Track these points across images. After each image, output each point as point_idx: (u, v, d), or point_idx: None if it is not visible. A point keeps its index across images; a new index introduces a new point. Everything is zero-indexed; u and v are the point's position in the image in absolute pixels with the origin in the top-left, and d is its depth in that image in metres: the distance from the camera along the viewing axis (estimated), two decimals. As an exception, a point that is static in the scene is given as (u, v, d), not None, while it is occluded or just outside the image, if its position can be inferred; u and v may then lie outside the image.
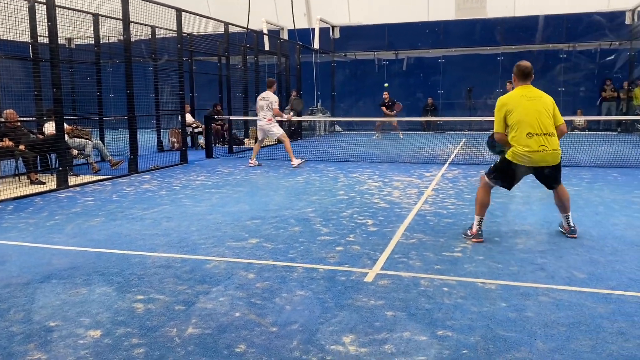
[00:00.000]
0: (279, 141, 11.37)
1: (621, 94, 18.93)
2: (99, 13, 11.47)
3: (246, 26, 16.11)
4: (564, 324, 3.30)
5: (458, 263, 4.51)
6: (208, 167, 11.02)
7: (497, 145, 5.40)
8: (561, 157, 5.09)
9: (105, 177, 9.46)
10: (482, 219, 5.21)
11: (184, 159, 11.71)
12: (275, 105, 10.70)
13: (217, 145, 15.68)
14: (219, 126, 15.97)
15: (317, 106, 21.18)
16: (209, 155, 12.85)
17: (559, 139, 5.04)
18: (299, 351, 2.99)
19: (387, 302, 3.66)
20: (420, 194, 7.67)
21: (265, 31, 18.90)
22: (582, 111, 19.04)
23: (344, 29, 21.91)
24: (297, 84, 18.57)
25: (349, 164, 11.24)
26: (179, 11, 11.52)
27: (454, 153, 13.06)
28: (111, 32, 12.29)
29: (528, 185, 8.32)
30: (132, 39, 10.46)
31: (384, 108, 18.37)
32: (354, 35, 21.76)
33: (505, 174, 5.15)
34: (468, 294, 3.81)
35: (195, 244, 5.17)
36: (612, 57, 19.36)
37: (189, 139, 14.81)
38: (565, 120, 5.20)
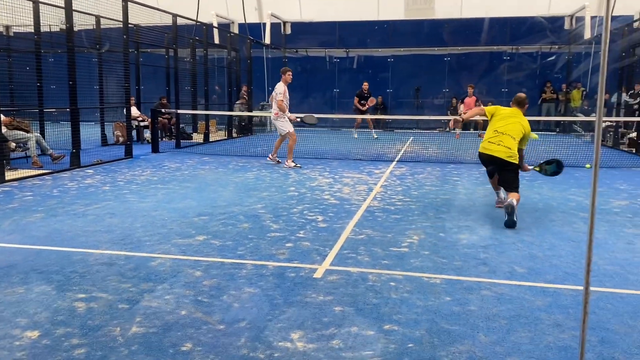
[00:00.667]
0: (282, 137, 10.39)
1: (560, 96, 19.79)
2: (40, 0, 10.98)
3: (195, 19, 15.81)
4: (504, 317, 3.42)
5: (405, 258, 4.59)
6: (154, 162, 10.76)
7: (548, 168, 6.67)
8: (516, 166, 6.10)
9: (46, 171, 9.07)
10: (497, 192, 6.65)
11: (129, 154, 11.39)
12: (280, 97, 9.70)
13: (164, 139, 15.33)
14: (166, 120, 15.62)
15: (268, 102, 21.06)
16: (155, 149, 12.55)
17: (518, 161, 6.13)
18: (246, 348, 2.97)
19: (336, 298, 3.69)
20: (369, 191, 7.77)
21: (215, 24, 18.61)
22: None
23: (295, 25, 21.88)
24: (247, 79, 18.40)
25: (300, 160, 11.23)
26: (125, 1, 11.17)
27: (402, 151, 13.29)
28: (53, 21, 11.78)
29: (472, 182, 8.58)
30: (75, 29, 10.06)
31: (356, 100, 16.81)
32: (305, 31, 21.77)
33: (483, 164, 6.43)
34: (414, 288, 3.89)
35: (139, 241, 5.03)
36: (552, 59, 20.21)
37: (134, 132, 14.39)
38: None
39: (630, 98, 14.49)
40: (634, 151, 13.09)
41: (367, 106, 16.61)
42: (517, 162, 6.06)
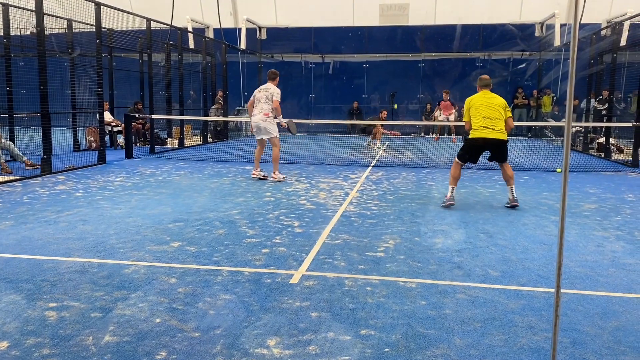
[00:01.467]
0: (261, 146, 9.39)
1: (531, 102, 20.19)
2: (9, 3, 10.76)
3: (170, 23, 15.68)
4: (479, 320, 3.46)
5: (381, 262, 4.62)
6: (128, 168, 10.61)
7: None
8: (507, 140, 6.96)
9: (16, 177, 8.87)
10: (454, 187, 7.04)
11: (102, 159, 11.21)
12: (277, 97, 9.05)
13: (138, 145, 15.15)
14: (140, 125, 15.43)
15: (243, 107, 20.98)
16: (129, 155, 12.38)
17: (506, 131, 6.98)
18: (222, 356, 2.94)
19: (312, 303, 3.69)
20: (345, 196, 7.79)
21: (189, 29, 18.48)
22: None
23: (271, 30, 21.87)
24: (223, 84, 18.31)
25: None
26: (97, 5, 11.02)
27: (378, 156, 13.37)
28: (23, 24, 11.56)
29: (446, 187, 8.67)
30: (47, 32, 9.88)
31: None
32: (281, 36, 21.78)
33: (469, 150, 7.07)
34: (390, 292, 3.91)
35: (113, 248, 4.96)
36: (523, 65, 20.61)
37: (107, 138, 14.20)
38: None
39: (599, 104, 14.85)
40: (602, 156, 13.41)
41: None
42: (506, 138, 6.96)
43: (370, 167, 11.10)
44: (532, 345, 3.11)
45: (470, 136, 7.04)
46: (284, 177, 9.14)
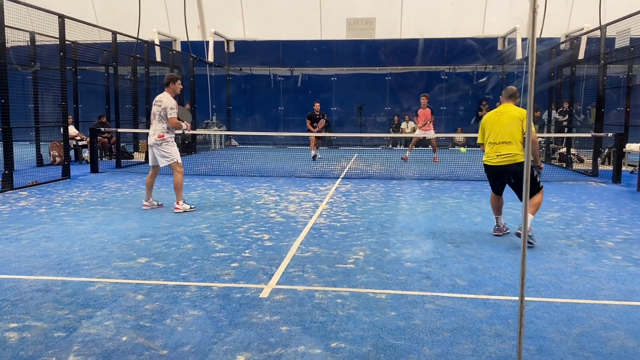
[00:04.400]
0: (155, 171, 7.73)
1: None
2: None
3: (136, 36, 15.52)
4: (448, 329, 3.50)
5: (351, 274, 4.63)
6: (93, 183, 10.40)
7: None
8: (523, 166, 5.20)
9: (-26, 194, 8.59)
10: (498, 217, 6.17)
11: (66, 174, 10.96)
12: (172, 114, 7.37)
13: (104, 159, 14.87)
14: (106, 139, 15.17)
15: (212, 120, 20.86)
16: (95, 170, 12.14)
17: (531, 147, 5.54)
18: (191, 373, 2.89)
19: (283, 317, 3.67)
20: (315, 208, 7.80)
21: (156, 42, 18.33)
22: (462, 129, 20.52)
23: (239, 44, 21.87)
24: (190, 97, 18.18)
25: (246, 179, 11.17)
26: (61, 17, 10.84)
27: (347, 168, 13.45)
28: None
29: (414, 198, 8.77)
30: (8, 45, 9.65)
31: (308, 122, 15.86)
32: (249, 50, 21.80)
33: (489, 178, 6.15)
34: (360, 304, 3.92)
35: (77, 265, 4.84)
36: (487, 78, 21.11)
37: (72, 152, 13.89)
38: (446, 137, 5.97)
39: (560, 115, 15.31)
40: (564, 165, 13.80)
41: (317, 128, 15.64)
42: (521, 160, 5.71)
43: (339, 179, 11.15)
44: (499, 353, 3.16)
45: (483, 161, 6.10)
46: (191, 208, 7.49)
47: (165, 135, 7.42)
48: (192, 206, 7.59)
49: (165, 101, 7.46)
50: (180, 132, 7.75)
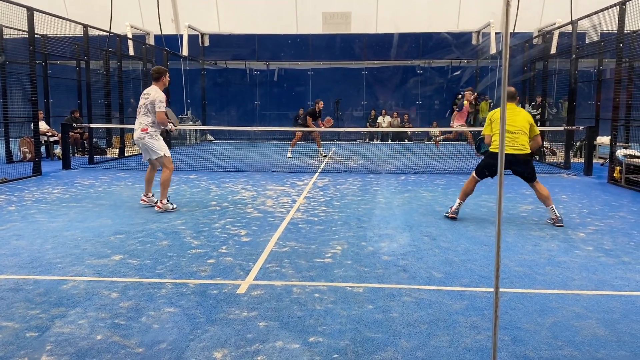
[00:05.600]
0: (152, 166, 7.57)
1: (469, 108, 20.85)
2: None
3: (108, 29, 15.23)
4: (425, 321, 3.53)
5: (328, 269, 4.63)
6: (65, 179, 10.20)
7: (483, 146, 6.97)
8: (531, 157, 6.52)
9: (-60, 192, 8.35)
10: (462, 202, 6.76)
11: (37, 171, 10.72)
12: (161, 107, 7.08)
13: (76, 155, 14.60)
14: (78, 134, 14.88)
15: (186, 114, 20.63)
16: (67, 166, 11.91)
17: (532, 149, 6.51)
18: (167, 371, 2.86)
19: (260, 313, 3.65)
20: (292, 203, 7.78)
21: (129, 35, 18.03)
22: (437, 123, 20.70)
23: (214, 37, 21.65)
24: (164, 91, 17.93)
25: (222, 174, 11.08)
26: (30, 10, 10.56)
27: (324, 162, 13.45)
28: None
29: (391, 192, 8.82)
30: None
31: (309, 119, 14.48)
32: (224, 43, 21.60)
33: (490, 165, 6.48)
34: (338, 298, 3.93)
35: (50, 264, 4.74)
36: (461, 72, 21.30)
37: (43, 148, 13.59)
38: (421, 131, 6.49)
39: (533, 109, 15.54)
40: (537, 158, 14.03)
41: (323, 127, 14.69)
42: (529, 152, 6.42)
43: (317, 174, 11.14)
44: (475, 344, 3.20)
45: (492, 149, 6.56)
46: (173, 208, 7.16)
47: (149, 128, 7.12)
48: (175, 206, 7.24)
49: (153, 94, 7.15)
50: (165, 128, 7.35)
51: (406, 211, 7.20)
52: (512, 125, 6.37)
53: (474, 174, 6.68)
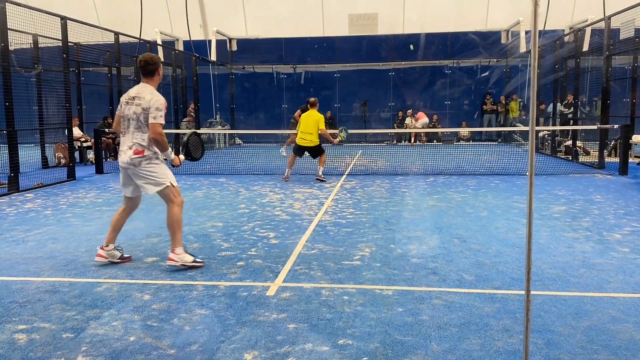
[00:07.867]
0: (126, 206, 5.22)
1: (499, 107, 20.59)
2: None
3: (138, 36, 15.53)
4: (455, 324, 3.49)
5: (357, 271, 4.62)
6: (98, 184, 10.43)
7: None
8: (318, 145, 10.17)
9: (-20, 197, 8.63)
10: (289, 169, 10.42)
11: (71, 176, 11.00)
12: (158, 118, 4.60)
13: (109, 159, 14.90)
14: (110, 140, 15.20)
15: (215, 118, 20.87)
16: (100, 171, 12.18)
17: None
18: (199, 372, 2.90)
19: (289, 315, 3.67)
20: (320, 205, 7.79)
21: (159, 42, 18.35)
22: (467, 123, 20.46)
23: (242, 42, 21.85)
24: (194, 96, 18.20)
25: (250, 177, 11.17)
26: (64, 19, 10.86)
27: (352, 164, 13.43)
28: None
29: (419, 193, 8.75)
30: (11, 47, 9.68)
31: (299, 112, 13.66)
32: (252, 48, 21.78)
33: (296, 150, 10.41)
34: (367, 301, 3.92)
35: (84, 266, 4.85)
36: (491, 72, 21.01)
37: (77, 154, 13.94)
38: (450, 132, 6.71)
39: (565, 108, 15.22)
40: (570, 158, 13.73)
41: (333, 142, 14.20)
42: (317, 144, 10.18)
43: (344, 176, 11.14)
44: (508, 348, 3.15)
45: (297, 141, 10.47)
46: (195, 261, 4.77)
47: (145, 151, 4.67)
48: (198, 259, 4.84)
49: (148, 98, 4.63)
50: (164, 155, 4.85)
51: (435, 213, 7.14)
52: (305, 127, 10.22)
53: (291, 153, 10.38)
